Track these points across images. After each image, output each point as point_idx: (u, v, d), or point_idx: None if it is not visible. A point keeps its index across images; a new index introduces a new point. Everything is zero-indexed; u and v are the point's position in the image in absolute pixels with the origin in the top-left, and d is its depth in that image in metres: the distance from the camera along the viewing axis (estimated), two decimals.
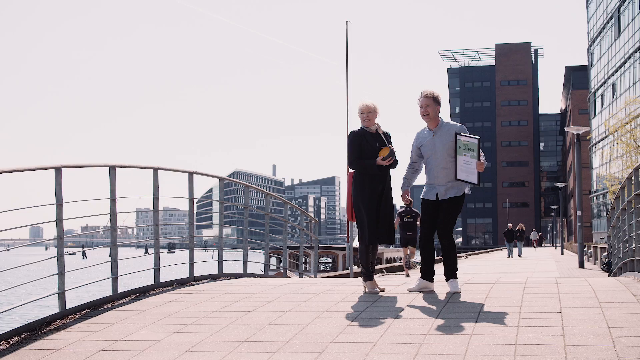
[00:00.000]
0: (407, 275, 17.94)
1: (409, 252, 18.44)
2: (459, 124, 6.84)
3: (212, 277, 9.33)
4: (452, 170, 6.78)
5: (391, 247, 54.32)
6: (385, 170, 6.99)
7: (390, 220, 7.03)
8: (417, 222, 17.75)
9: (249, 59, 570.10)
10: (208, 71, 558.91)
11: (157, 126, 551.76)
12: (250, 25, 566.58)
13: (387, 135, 7.09)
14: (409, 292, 7.02)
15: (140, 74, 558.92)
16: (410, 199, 7.23)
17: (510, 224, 38.22)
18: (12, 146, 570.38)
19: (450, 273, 6.91)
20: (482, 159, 6.62)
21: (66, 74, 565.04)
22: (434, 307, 6.14)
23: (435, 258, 7.15)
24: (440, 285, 7.38)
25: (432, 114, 6.74)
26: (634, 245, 9.62)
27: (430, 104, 6.71)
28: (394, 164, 6.96)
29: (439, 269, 7.57)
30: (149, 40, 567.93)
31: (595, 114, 68.08)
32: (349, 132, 7.10)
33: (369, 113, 6.92)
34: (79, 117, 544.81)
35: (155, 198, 8.43)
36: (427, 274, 7.04)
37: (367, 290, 7.09)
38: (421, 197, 7.05)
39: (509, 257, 36.91)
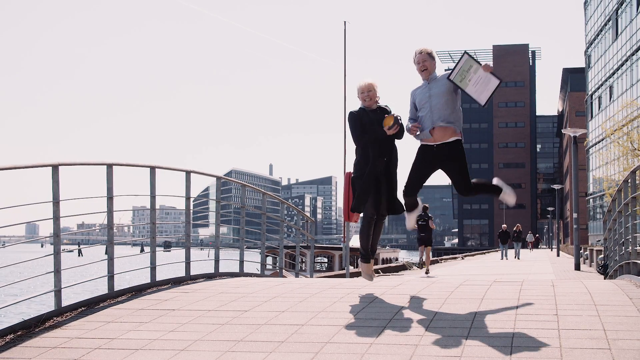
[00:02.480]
0: (427, 272, 19.23)
1: (424, 252, 19.76)
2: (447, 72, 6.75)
3: (208, 276, 9.32)
4: (449, 112, 6.61)
5: (387, 247, 54.26)
6: (389, 144, 6.80)
7: (394, 193, 6.84)
8: (431, 225, 18.72)
9: (247, 58, 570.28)
10: (206, 70, 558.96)
11: (154, 124, 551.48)
12: (248, 24, 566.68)
13: (387, 109, 6.93)
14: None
15: (138, 72, 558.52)
16: (426, 206, 7.14)
17: (504, 225, 37.66)
18: (9, 143, 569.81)
19: (498, 192, 6.88)
20: (483, 63, 6.50)
21: (65, 71, 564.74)
22: (430, 309, 6.14)
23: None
24: (438, 287, 7.38)
25: (430, 68, 6.77)
26: (630, 248, 9.63)
27: (427, 58, 6.75)
28: (401, 132, 6.76)
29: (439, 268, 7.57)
30: (148, 38, 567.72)
31: (592, 116, 68.14)
32: (347, 114, 6.94)
33: (369, 92, 6.78)
34: (76, 115, 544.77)
35: (152, 196, 8.42)
36: (412, 207, 6.92)
37: (362, 274, 6.92)
38: (420, 141, 6.80)
39: (502, 258, 36.52)
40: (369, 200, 6.76)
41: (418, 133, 6.77)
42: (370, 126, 6.75)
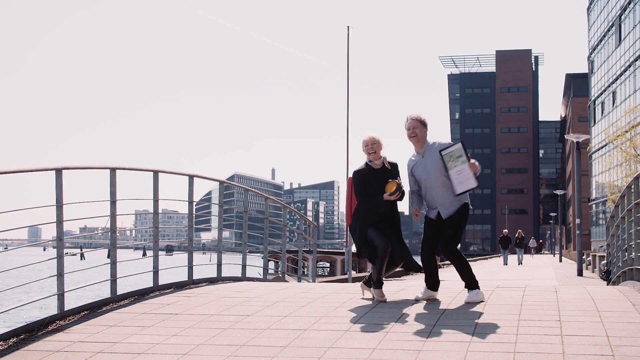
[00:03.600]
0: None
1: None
2: (443, 142, 6.83)
3: (210, 281, 9.32)
4: (449, 187, 6.74)
5: None
6: (392, 203, 6.96)
7: (400, 239, 6.99)
8: None
9: (249, 62, 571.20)
10: (209, 73, 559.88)
11: (156, 127, 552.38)
12: (251, 28, 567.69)
13: (394, 166, 7.01)
14: (416, 300, 6.97)
15: (140, 76, 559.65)
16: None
17: (506, 230, 37.37)
18: (9, 145, 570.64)
19: (469, 285, 6.86)
20: (472, 160, 6.62)
21: (66, 73, 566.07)
22: (433, 314, 6.13)
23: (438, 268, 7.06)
24: (440, 292, 7.38)
25: (420, 135, 6.81)
26: (633, 254, 9.62)
27: (417, 125, 6.80)
28: (402, 196, 6.88)
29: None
30: (151, 41, 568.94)
31: (595, 122, 68.14)
32: (353, 172, 7.07)
33: (373, 145, 6.86)
34: (78, 117, 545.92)
35: (155, 201, 8.43)
36: (432, 286, 7.01)
37: (375, 298, 7.02)
38: (425, 214, 7.02)
39: (505, 264, 36.33)
40: (377, 235, 6.84)
41: (424, 211, 6.96)
42: (372, 191, 6.86)
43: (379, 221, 6.92)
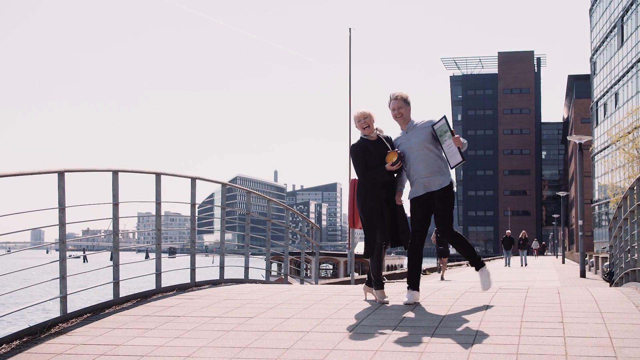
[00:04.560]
0: (442, 278, 21.86)
1: (442, 263, 23.62)
2: (427, 119, 6.83)
3: (213, 283, 9.33)
4: (432, 162, 6.70)
5: (392, 254, 54.40)
6: (391, 173, 6.90)
7: (399, 222, 6.95)
8: None
9: (252, 65, 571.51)
10: (210, 76, 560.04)
11: (159, 130, 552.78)
12: (254, 31, 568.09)
13: (389, 140, 7.03)
14: (405, 304, 6.90)
15: (143, 78, 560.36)
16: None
17: (508, 231, 37.37)
18: (13, 148, 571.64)
19: (476, 263, 6.82)
20: (456, 135, 6.61)
21: (68, 76, 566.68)
22: (435, 316, 6.13)
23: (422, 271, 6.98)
24: (443, 294, 7.38)
25: (405, 115, 6.82)
26: (636, 255, 9.61)
27: (402, 105, 6.80)
28: (402, 168, 6.88)
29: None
30: (153, 44, 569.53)
31: (597, 123, 68.08)
32: (350, 145, 7.09)
33: (365, 119, 6.87)
34: (80, 120, 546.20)
35: (158, 203, 8.44)
36: (413, 285, 6.87)
37: (377, 299, 7.02)
38: (408, 198, 6.94)
39: (505, 265, 36.27)
40: (378, 227, 6.85)
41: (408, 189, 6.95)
42: (373, 161, 6.85)
43: (385, 200, 6.88)
